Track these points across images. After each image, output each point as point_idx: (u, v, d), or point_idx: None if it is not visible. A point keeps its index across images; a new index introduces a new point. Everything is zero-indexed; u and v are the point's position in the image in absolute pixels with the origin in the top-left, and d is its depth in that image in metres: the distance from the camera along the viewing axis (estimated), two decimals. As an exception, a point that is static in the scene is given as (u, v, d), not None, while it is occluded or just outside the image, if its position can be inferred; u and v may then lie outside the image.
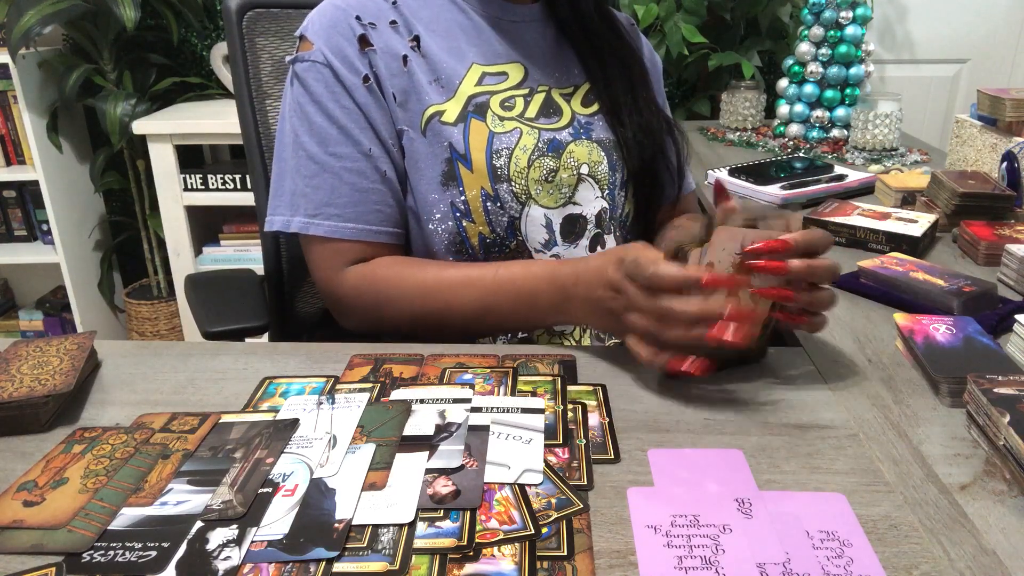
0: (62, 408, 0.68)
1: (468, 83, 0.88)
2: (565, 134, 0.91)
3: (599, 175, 0.92)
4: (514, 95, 0.90)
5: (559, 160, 0.89)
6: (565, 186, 0.90)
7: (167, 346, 0.81)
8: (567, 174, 0.90)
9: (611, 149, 0.94)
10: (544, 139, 0.88)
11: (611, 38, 0.98)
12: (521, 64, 0.92)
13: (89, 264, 2.48)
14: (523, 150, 0.87)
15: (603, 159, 0.92)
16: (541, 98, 0.92)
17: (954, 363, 0.70)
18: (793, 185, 1.33)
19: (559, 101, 0.93)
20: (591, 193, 0.92)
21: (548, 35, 0.96)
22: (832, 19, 1.72)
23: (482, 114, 0.87)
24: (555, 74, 0.95)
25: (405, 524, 0.52)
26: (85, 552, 0.51)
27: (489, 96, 0.88)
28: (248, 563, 0.49)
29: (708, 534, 0.52)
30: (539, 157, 0.88)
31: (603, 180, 0.93)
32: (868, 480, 0.58)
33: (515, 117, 0.89)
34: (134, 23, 2.01)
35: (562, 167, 0.89)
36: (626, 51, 0.98)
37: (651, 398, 0.69)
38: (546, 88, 0.93)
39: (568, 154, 0.90)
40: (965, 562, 0.50)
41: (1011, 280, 0.95)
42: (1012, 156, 1.17)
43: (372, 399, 0.68)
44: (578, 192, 0.91)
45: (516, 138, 0.87)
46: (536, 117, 0.90)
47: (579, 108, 0.94)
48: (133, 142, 2.25)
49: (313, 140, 0.84)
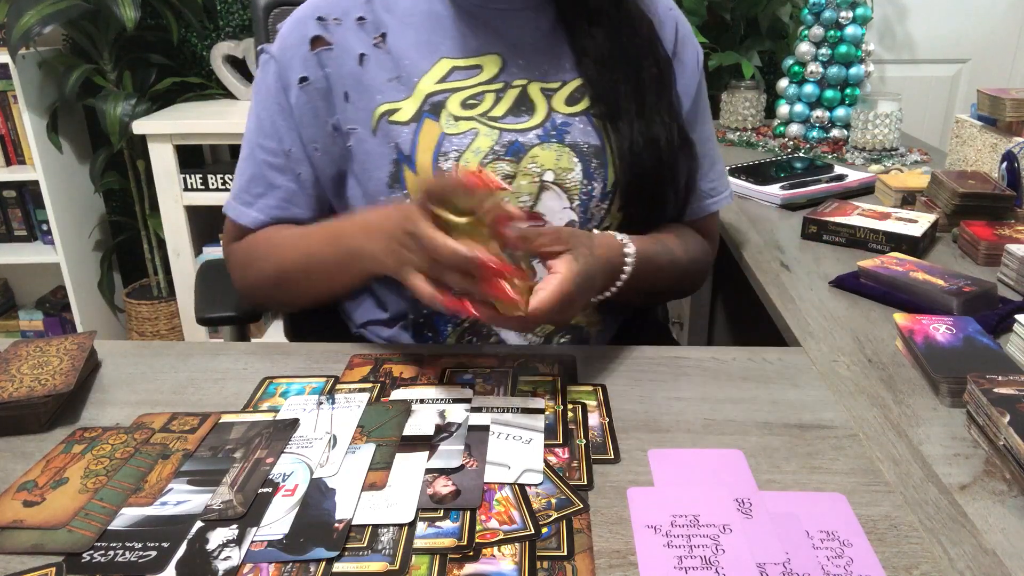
0: (62, 408, 0.68)
1: (428, 80, 0.83)
2: (531, 136, 0.83)
3: (567, 183, 0.83)
4: (485, 90, 0.84)
5: (518, 165, 0.82)
6: (524, 194, 0.82)
7: (167, 346, 0.81)
8: (526, 181, 0.82)
9: (590, 155, 0.84)
10: (504, 141, 0.82)
11: (620, 29, 0.86)
12: (499, 56, 0.85)
13: (89, 264, 2.47)
14: (475, 152, 0.81)
15: (575, 166, 0.83)
16: (515, 94, 0.85)
17: (954, 363, 0.70)
18: (793, 185, 1.33)
19: (536, 98, 0.85)
20: (557, 203, 0.83)
21: (542, 24, 0.87)
22: (832, 19, 1.72)
23: (437, 113, 0.82)
24: (543, 67, 0.86)
25: (405, 524, 0.52)
26: (85, 552, 0.51)
27: (449, 94, 0.83)
28: (248, 563, 0.49)
29: (708, 534, 0.52)
30: (493, 161, 0.81)
31: (573, 189, 0.84)
32: (868, 480, 0.58)
33: (476, 116, 0.83)
34: (134, 23, 2.01)
35: (521, 173, 0.82)
36: (638, 45, 0.87)
37: (651, 398, 0.69)
38: (524, 83, 0.85)
39: (530, 159, 0.82)
40: (965, 562, 0.50)
41: (1011, 280, 0.95)
42: (1012, 156, 1.17)
43: (372, 399, 0.68)
44: (541, 201, 0.83)
45: (470, 139, 0.82)
46: (503, 116, 0.83)
47: (560, 107, 0.85)
48: (133, 142, 2.25)
49: (252, 128, 0.88)
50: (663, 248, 0.87)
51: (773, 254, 1.07)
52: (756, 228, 1.19)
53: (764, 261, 1.05)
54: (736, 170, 1.43)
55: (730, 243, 1.16)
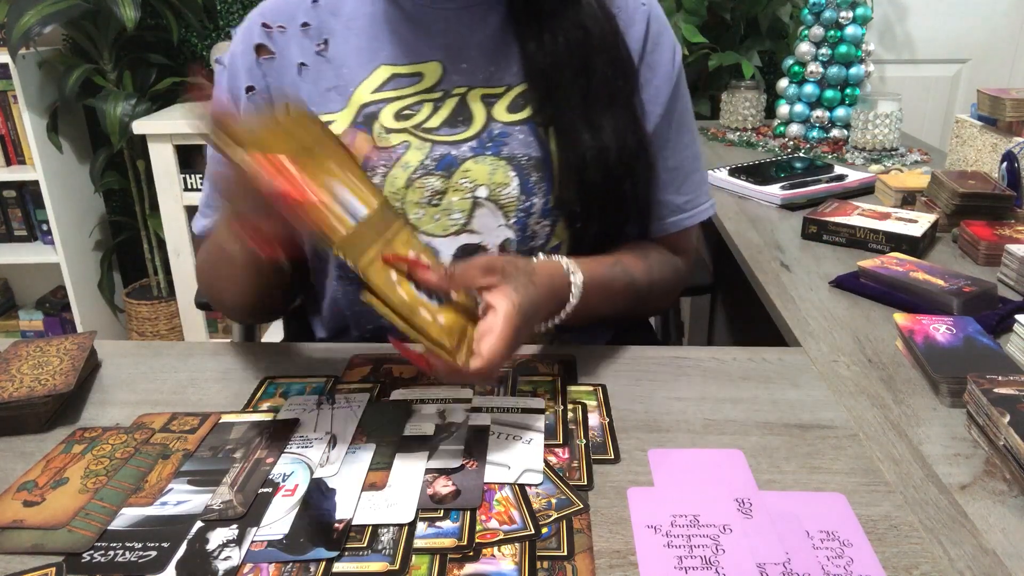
0: (62, 408, 0.68)
1: (363, 91, 0.79)
2: (465, 148, 0.78)
3: (503, 199, 0.78)
4: (423, 100, 0.79)
5: (449, 180, 0.77)
6: (456, 211, 0.77)
7: (167, 346, 0.81)
8: (458, 197, 0.77)
9: (529, 168, 0.78)
10: (436, 155, 0.77)
11: (572, 27, 0.78)
12: (439, 64, 0.80)
13: (89, 264, 2.47)
14: (403, 167, 0.77)
15: (511, 180, 0.77)
16: (453, 104, 0.79)
17: (954, 363, 0.70)
18: (793, 185, 1.33)
19: (475, 106, 0.79)
20: (492, 220, 0.78)
21: (491, 22, 0.80)
22: (832, 19, 1.72)
23: (369, 125, 0.78)
24: (488, 70, 0.80)
25: (405, 524, 0.52)
26: (85, 552, 0.51)
27: (383, 105, 0.79)
28: (248, 563, 0.49)
29: (708, 534, 0.52)
30: (422, 176, 0.77)
31: (509, 206, 0.78)
32: (868, 480, 0.58)
33: (409, 128, 0.78)
34: (134, 23, 2.01)
35: (452, 189, 0.77)
36: (592, 45, 0.78)
37: (651, 398, 0.69)
38: (464, 90, 0.80)
39: (462, 173, 0.77)
40: (965, 562, 0.50)
41: (1011, 280, 0.95)
42: (1012, 156, 1.17)
43: (372, 399, 0.68)
44: (475, 219, 0.78)
45: (400, 153, 0.77)
46: (439, 127, 0.78)
47: (502, 114, 0.79)
48: (133, 142, 2.25)
49: None
50: (619, 271, 0.80)
51: (773, 254, 1.07)
52: (756, 228, 1.19)
53: (764, 261, 1.05)
54: (736, 170, 1.43)
55: (730, 243, 1.16)
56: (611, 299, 0.80)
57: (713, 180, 1.44)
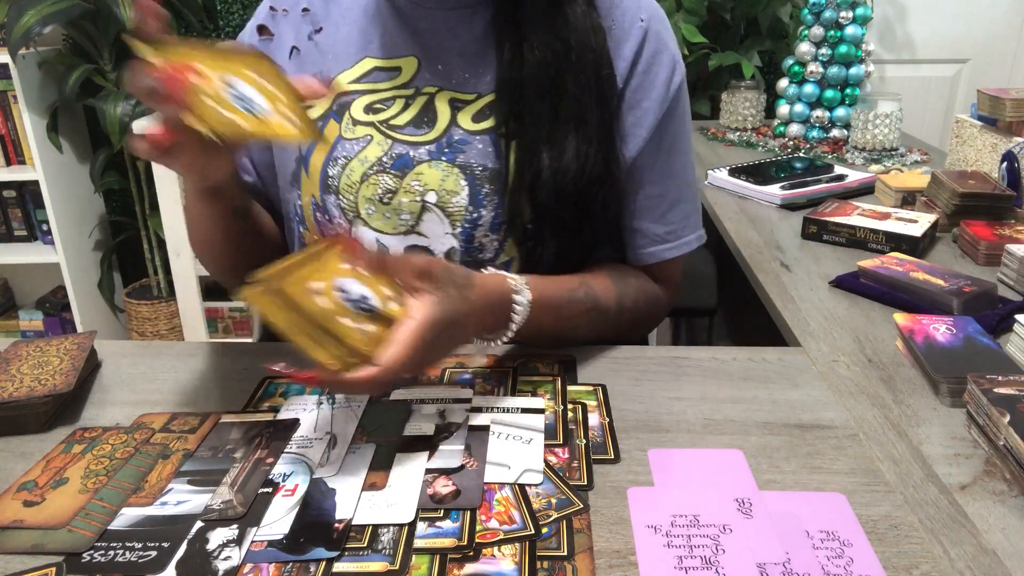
0: (62, 408, 0.68)
1: (343, 80, 0.81)
2: (423, 151, 0.77)
3: (450, 207, 0.76)
4: (396, 95, 0.79)
5: (402, 181, 0.77)
6: (406, 212, 0.77)
7: (167, 346, 0.81)
8: (408, 199, 0.77)
9: (483, 179, 0.76)
10: (394, 153, 0.77)
11: (552, 42, 0.75)
12: (415, 59, 0.80)
13: (89, 264, 2.47)
14: (361, 162, 0.77)
15: (461, 189, 0.76)
16: (423, 102, 0.79)
17: (954, 363, 0.70)
18: (793, 185, 1.33)
19: (441, 108, 0.78)
20: (439, 227, 0.77)
21: (476, 27, 0.79)
22: (832, 19, 1.72)
23: (340, 116, 0.79)
24: (463, 75, 0.79)
25: (405, 524, 0.52)
26: (85, 552, 0.51)
27: (356, 97, 0.80)
28: (248, 563, 0.49)
29: (708, 534, 0.52)
30: (377, 173, 0.77)
31: (456, 214, 0.76)
32: (868, 480, 0.58)
33: (376, 122, 0.78)
34: (134, 23, 2.01)
35: (403, 189, 0.77)
36: (571, 63, 0.75)
37: (651, 398, 0.69)
38: (434, 90, 0.79)
39: (415, 175, 0.76)
40: (965, 562, 0.50)
41: (1011, 280, 0.95)
42: (1012, 156, 1.17)
43: (372, 399, 0.68)
44: (423, 222, 0.77)
45: (362, 147, 0.78)
46: (404, 126, 0.78)
47: (466, 122, 0.77)
48: (133, 142, 2.25)
49: None
50: (582, 295, 0.77)
51: (773, 254, 1.07)
52: (756, 228, 1.19)
53: (764, 261, 1.05)
54: (736, 170, 1.43)
55: (730, 243, 1.16)
56: (570, 321, 0.77)
57: (713, 180, 1.44)
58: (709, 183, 1.45)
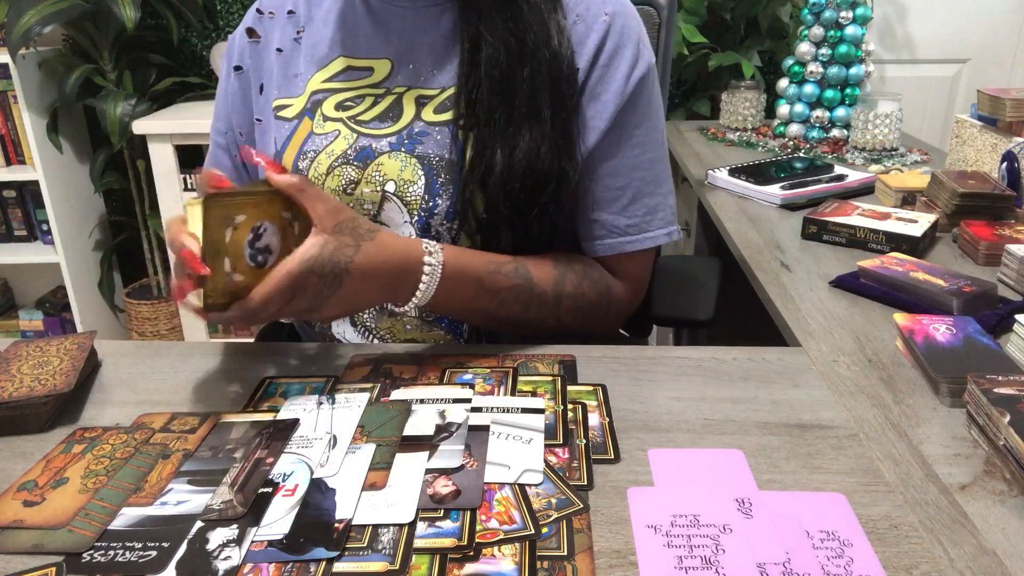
0: (62, 408, 0.68)
1: (317, 79, 0.85)
2: (384, 143, 0.80)
3: (408, 197, 0.79)
4: (366, 94, 0.83)
5: (363, 172, 0.79)
6: (368, 202, 0.80)
7: (167, 346, 0.81)
8: (369, 189, 0.79)
9: (439, 169, 0.78)
10: (358, 146, 0.80)
11: (506, 37, 0.77)
12: (389, 61, 0.83)
13: (89, 264, 2.47)
14: (328, 155, 0.81)
15: (418, 179, 0.78)
16: (390, 100, 0.82)
17: (954, 363, 0.70)
18: (793, 185, 1.33)
19: (407, 104, 0.81)
20: (399, 216, 0.79)
21: (444, 25, 0.82)
22: (832, 19, 1.72)
23: (313, 113, 0.83)
24: (431, 71, 0.82)
25: (405, 524, 0.52)
26: (85, 552, 0.51)
27: (328, 95, 0.83)
28: (248, 563, 0.49)
29: (708, 534, 0.52)
30: (342, 165, 0.80)
31: (413, 203, 0.79)
32: (868, 480, 0.58)
33: (345, 119, 0.81)
34: (134, 23, 2.01)
35: (365, 180, 0.79)
36: (526, 58, 0.76)
37: (651, 398, 0.69)
38: (403, 89, 0.82)
39: (375, 167, 0.79)
40: (965, 562, 0.50)
41: (1011, 280, 0.95)
42: (1012, 156, 1.17)
43: (372, 399, 0.68)
44: (384, 212, 0.80)
45: (329, 141, 0.81)
46: (371, 120, 0.81)
47: (428, 115, 0.80)
48: (133, 142, 2.25)
49: (213, 114, 0.95)
50: (510, 270, 0.78)
51: (773, 254, 1.07)
52: (756, 228, 1.19)
53: (764, 261, 1.05)
54: (736, 170, 1.43)
55: (730, 243, 1.16)
56: (493, 296, 0.77)
57: (713, 180, 1.44)
58: (709, 183, 1.45)
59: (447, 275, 0.73)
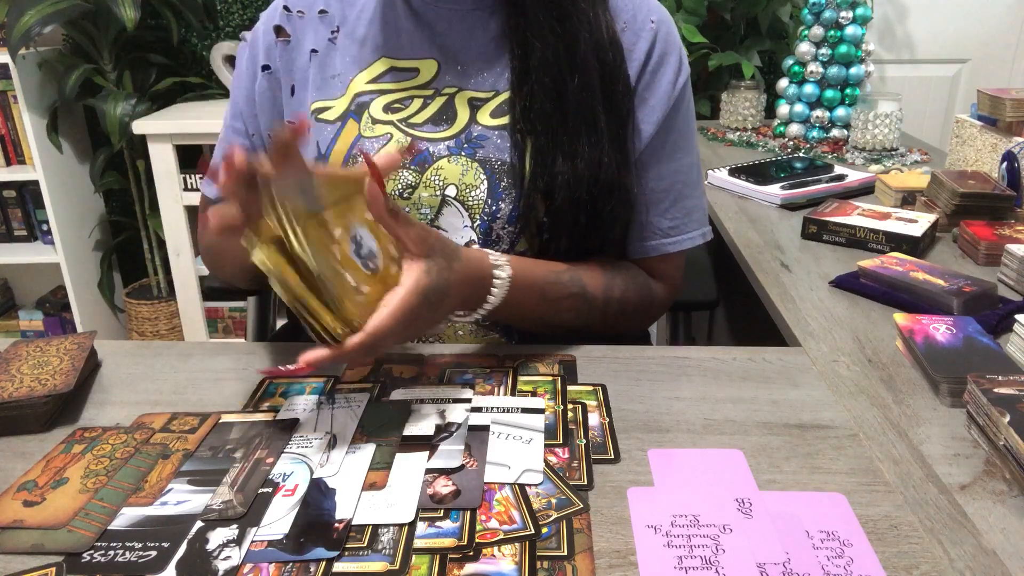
0: (62, 408, 0.68)
1: (360, 81, 0.82)
2: (442, 147, 0.79)
3: (470, 201, 0.78)
4: (414, 95, 0.81)
5: (422, 176, 0.79)
6: (425, 206, 0.79)
7: (167, 346, 0.81)
8: (428, 193, 0.79)
9: (501, 173, 0.78)
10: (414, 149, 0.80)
11: (561, 39, 0.77)
12: (435, 62, 0.82)
13: (89, 264, 2.47)
14: None
15: (481, 183, 0.78)
16: (441, 102, 0.81)
17: (954, 363, 0.70)
18: (793, 185, 1.33)
19: (461, 107, 0.80)
20: (458, 220, 0.79)
21: (492, 28, 0.81)
22: (832, 19, 1.72)
23: (359, 115, 0.81)
24: (481, 74, 0.82)
25: (405, 524, 0.52)
26: (85, 552, 0.51)
27: (375, 96, 0.81)
28: (248, 563, 0.49)
29: (708, 534, 0.52)
30: (397, 169, 0.79)
31: (475, 208, 0.78)
32: (868, 480, 0.58)
33: (395, 121, 0.80)
34: (134, 23, 2.01)
35: (423, 184, 0.79)
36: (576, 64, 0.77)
37: (651, 398, 0.69)
38: (454, 91, 0.81)
39: (434, 171, 0.78)
40: (965, 562, 0.50)
41: (1011, 280, 0.95)
42: (1012, 156, 1.17)
43: (372, 399, 0.68)
44: (442, 216, 0.79)
45: (382, 144, 0.79)
46: (423, 123, 0.80)
47: (484, 118, 0.80)
48: (133, 142, 2.25)
49: (228, 110, 0.90)
50: (568, 279, 0.79)
51: (773, 254, 1.07)
52: (756, 228, 1.19)
53: (764, 261, 1.05)
54: (736, 170, 1.43)
55: (730, 243, 1.16)
56: (552, 304, 0.78)
57: (713, 180, 1.44)
58: (709, 183, 1.45)
59: (514, 287, 0.74)
